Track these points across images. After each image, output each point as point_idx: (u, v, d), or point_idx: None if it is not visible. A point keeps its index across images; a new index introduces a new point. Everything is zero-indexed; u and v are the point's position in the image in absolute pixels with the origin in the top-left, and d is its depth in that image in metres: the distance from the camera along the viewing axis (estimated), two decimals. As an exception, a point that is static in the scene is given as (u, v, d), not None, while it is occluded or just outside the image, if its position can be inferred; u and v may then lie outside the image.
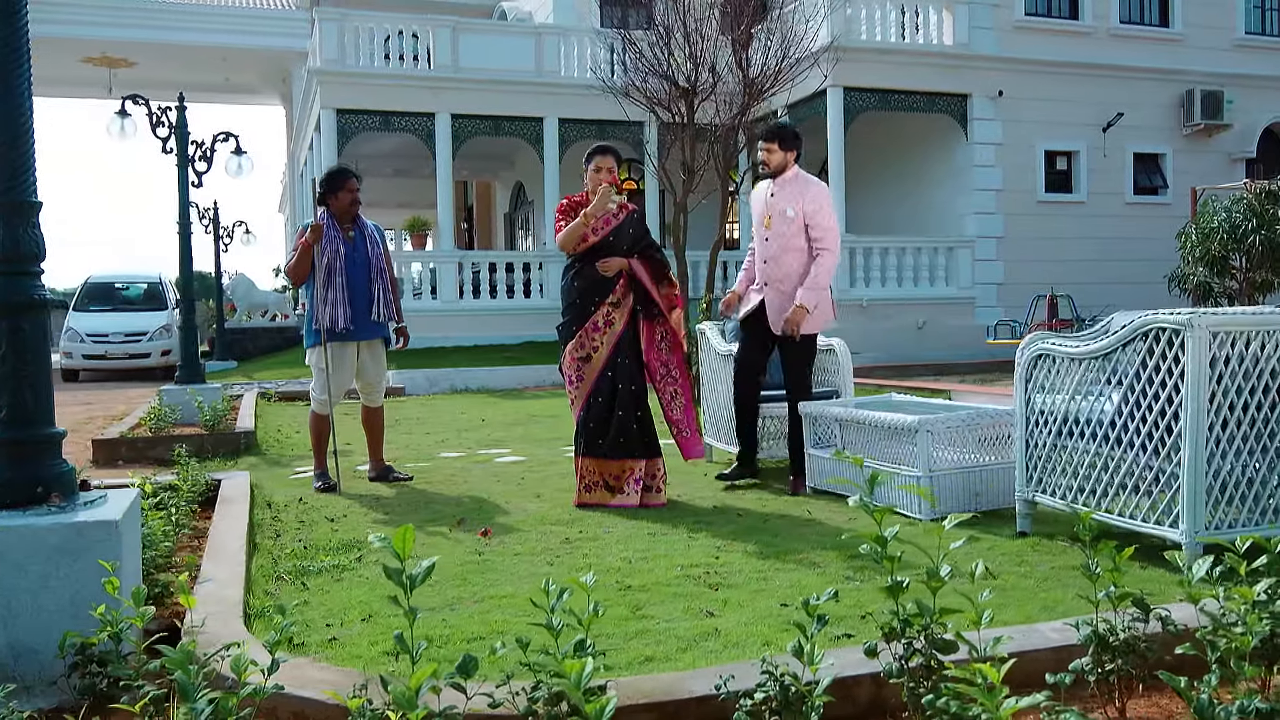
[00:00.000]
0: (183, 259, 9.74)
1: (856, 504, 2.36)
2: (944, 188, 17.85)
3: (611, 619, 3.30)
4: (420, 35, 17.53)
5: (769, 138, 5.60)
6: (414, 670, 1.87)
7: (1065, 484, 4.19)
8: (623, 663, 2.88)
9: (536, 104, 17.80)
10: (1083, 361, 4.07)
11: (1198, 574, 2.40)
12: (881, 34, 17.02)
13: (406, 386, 13.72)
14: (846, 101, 16.53)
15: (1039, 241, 17.37)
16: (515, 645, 2.24)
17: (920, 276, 17.14)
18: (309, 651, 3.08)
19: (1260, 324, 3.64)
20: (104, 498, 3.12)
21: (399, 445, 8.12)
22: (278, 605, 3.02)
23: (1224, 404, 3.64)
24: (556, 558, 4.23)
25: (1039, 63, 17.37)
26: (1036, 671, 2.64)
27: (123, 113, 9.80)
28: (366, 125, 17.25)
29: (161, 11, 22.09)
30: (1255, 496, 3.72)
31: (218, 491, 5.31)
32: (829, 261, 5.54)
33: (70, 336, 17.05)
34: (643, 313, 5.47)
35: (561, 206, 5.56)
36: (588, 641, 2.13)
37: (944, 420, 4.79)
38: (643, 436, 5.35)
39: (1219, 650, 2.14)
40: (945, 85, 17.04)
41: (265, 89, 25.57)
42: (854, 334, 16.38)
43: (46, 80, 24.27)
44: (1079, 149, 17.78)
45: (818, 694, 2.05)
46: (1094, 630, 2.41)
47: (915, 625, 2.21)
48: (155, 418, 8.49)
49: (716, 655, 2.92)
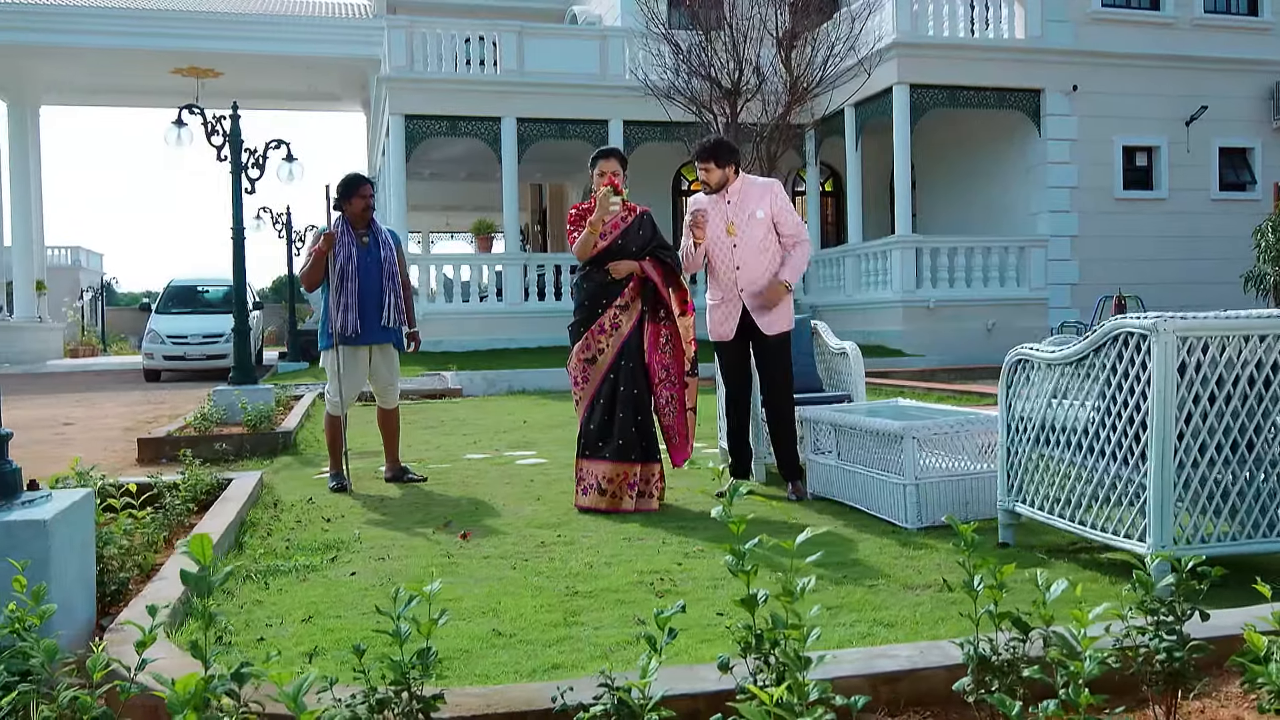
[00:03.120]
0: (236, 264, 10.01)
1: (718, 515, 2.30)
2: (1015, 186, 17.41)
3: (540, 625, 3.29)
4: (486, 40, 17.75)
5: (704, 157, 5.51)
6: (204, 673, 1.87)
7: (1043, 494, 4.04)
8: (492, 671, 2.86)
9: (601, 107, 17.88)
10: (1058, 367, 3.92)
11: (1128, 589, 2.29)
12: (950, 29, 16.68)
13: (465, 388, 13.86)
14: (913, 99, 16.24)
15: (1116, 240, 16.83)
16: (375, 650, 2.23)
17: (990, 277, 16.74)
18: (237, 649, 3.12)
19: (1233, 328, 3.45)
20: (46, 497, 3.21)
21: (430, 446, 8.23)
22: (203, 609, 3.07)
23: (1195, 412, 3.47)
24: (524, 561, 4.23)
25: (1117, 55, 16.84)
26: (931, 690, 2.56)
27: (179, 122, 10.12)
28: (434, 130, 17.54)
29: (246, 23, 22.75)
30: (1232, 509, 3.53)
31: (223, 491, 5.45)
32: (807, 250, 5.57)
33: (151, 338, 17.69)
34: (648, 314, 5.45)
35: (571, 216, 5.57)
36: (431, 649, 2.11)
37: (930, 427, 4.66)
38: (641, 441, 5.33)
39: (1065, 676, 2.03)
40: (1017, 80, 16.64)
41: (346, 96, 26.14)
42: (919, 336, 16.15)
43: (140, 91, 25.27)
44: (1160, 144, 17.18)
45: (649, 709, 2.01)
46: (975, 649, 2.31)
47: (767, 639, 2.15)
48: (201, 418, 8.75)
49: (602, 664, 2.87)
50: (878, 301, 16.90)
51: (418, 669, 2.10)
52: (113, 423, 10.88)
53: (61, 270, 39.13)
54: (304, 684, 1.64)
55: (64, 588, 3.10)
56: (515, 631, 3.24)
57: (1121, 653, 2.48)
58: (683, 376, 5.49)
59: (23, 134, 25.25)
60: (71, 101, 27.48)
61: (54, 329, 29.00)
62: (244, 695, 2.09)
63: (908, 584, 3.72)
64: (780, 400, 5.56)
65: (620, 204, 5.45)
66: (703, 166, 5.50)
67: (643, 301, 5.42)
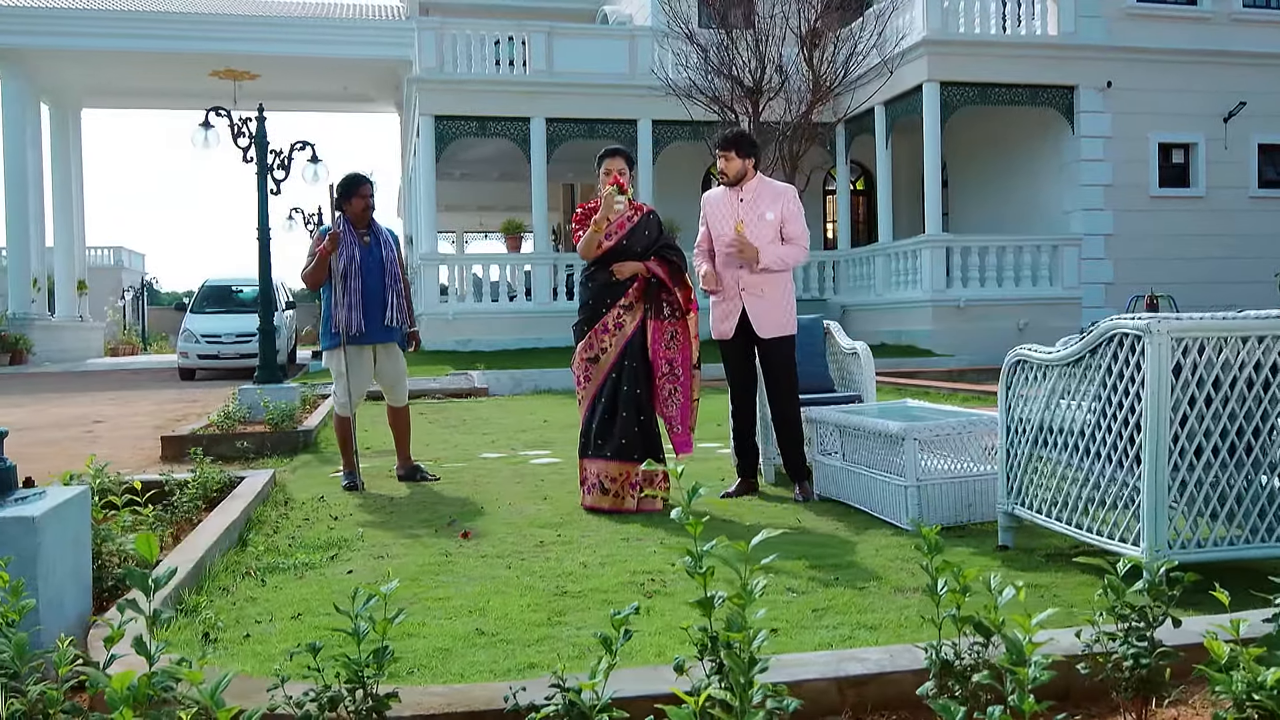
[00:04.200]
0: (262, 264, 10.13)
1: (677, 516, 2.30)
2: (1049, 184, 17.21)
3: (523, 625, 3.30)
4: (516, 40, 17.82)
5: (725, 145, 5.50)
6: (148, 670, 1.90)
7: (1041, 496, 3.99)
8: (468, 670, 2.87)
9: (629, 106, 17.89)
10: (1055, 369, 3.87)
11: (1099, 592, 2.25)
12: (981, 26, 16.51)
13: (491, 387, 13.93)
14: (944, 96, 16.10)
15: (1152, 239, 16.59)
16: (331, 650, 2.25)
17: (1022, 276, 16.56)
18: (222, 646, 3.16)
19: (1229, 329, 3.39)
20: (40, 495, 3.27)
21: (448, 445, 8.28)
22: (178, 605, 3.13)
23: (1191, 414, 3.41)
24: (520, 561, 4.24)
25: (1152, 51, 16.59)
26: (900, 694, 2.54)
27: (206, 124, 10.25)
28: (463, 131, 17.63)
29: (282, 25, 23.02)
30: (1230, 513, 3.47)
31: (234, 489, 5.51)
32: (802, 256, 5.56)
33: (186, 337, 17.95)
34: (651, 312, 5.44)
35: (577, 215, 5.58)
36: (388, 648, 2.13)
37: (931, 428, 4.61)
38: (644, 440, 5.33)
39: (1012, 683, 2.00)
40: (1049, 77, 16.45)
41: (381, 97, 26.36)
42: (949, 336, 16.01)
43: (178, 93, 25.62)
44: (1197, 140, 16.91)
45: (598, 709, 2.01)
46: (937, 654, 2.29)
47: (721, 642, 2.14)
48: (224, 416, 8.86)
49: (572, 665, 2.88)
50: (907, 301, 16.77)
51: (372, 667, 2.11)
52: (143, 421, 11.04)
53: (104, 270, 39.76)
54: (222, 682, 1.65)
55: (54, 584, 3.15)
56: (498, 631, 3.25)
57: (1092, 659, 2.45)
58: (689, 370, 5.47)
59: (64, 137, 25.72)
60: (112, 104, 27.96)
61: (94, 328, 29.50)
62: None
63: (899, 587, 3.68)
64: (783, 402, 5.54)
65: (625, 203, 5.45)
66: (723, 155, 5.49)
67: (646, 300, 5.41)
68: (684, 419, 5.45)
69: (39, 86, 23.97)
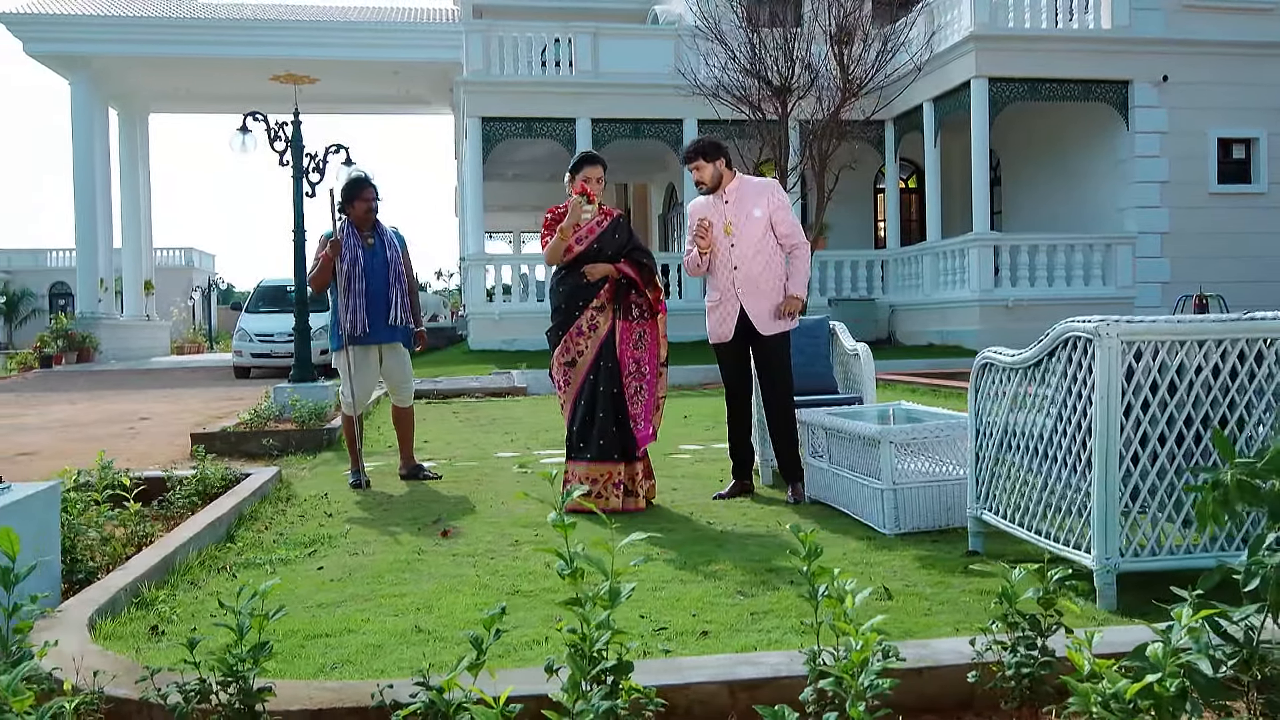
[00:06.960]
0: (297, 266, 10.33)
1: (554, 520, 2.32)
2: (1101, 181, 16.82)
3: (463, 623, 3.33)
4: (562, 41, 17.93)
5: (690, 158, 5.47)
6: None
7: (1005, 501, 3.93)
8: (390, 667, 2.91)
9: (675, 106, 17.85)
10: (1018, 371, 3.81)
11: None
12: (1031, 20, 16.20)
13: (529, 386, 14.02)
14: (992, 93, 15.83)
15: (1210, 237, 16.13)
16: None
17: (1074, 276, 16.22)
18: (168, 639, 3.25)
19: (1181, 333, 3.30)
20: (6, 489, 3.40)
21: (467, 444, 8.37)
22: (137, 598, 3.22)
23: (1145, 419, 3.33)
24: (488, 560, 4.28)
25: (1211, 44, 16.13)
26: (793, 700, 2.52)
27: (244, 129, 10.49)
28: (510, 132, 17.79)
29: (339, 30, 23.47)
30: (1186, 520, 3.38)
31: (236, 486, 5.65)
32: (807, 253, 5.51)
33: (240, 336, 18.38)
34: (620, 313, 5.45)
35: (546, 220, 5.61)
36: (267, 644, 2.18)
37: (908, 431, 4.56)
38: (623, 440, 5.34)
39: (848, 691, 1.98)
40: (1103, 72, 16.08)
41: (436, 100, 26.71)
42: (997, 336, 15.68)
43: (241, 97, 26.19)
44: (1258, 135, 16.40)
45: (454, 710, 2.04)
46: (815, 660, 2.28)
47: (587, 642, 2.16)
48: (255, 414, 9.07)
49: (494, 662, 2.91)
50: (955, 300, 16.53)
51: (247, 662, 2.16)
52: (188, 418, 11.33)
53: (175, 271, 40.88)
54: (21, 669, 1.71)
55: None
56: (436, 629, 3.29)
57: (984, 668, 2.41)
58: (655, 368, 5.47)
59: (132, 141, 26.49)
60: (178, 109, 28.70)
61: (161, 327, 30.33)
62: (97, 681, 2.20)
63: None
64: (780, 400, 5.51)
65: (593, 211, 5.48)
66: (692, 167, 5.49)
67: (615, 301, 5.43)
68: (647, 415, 5.45)
69: (107, 92, 24.73)
